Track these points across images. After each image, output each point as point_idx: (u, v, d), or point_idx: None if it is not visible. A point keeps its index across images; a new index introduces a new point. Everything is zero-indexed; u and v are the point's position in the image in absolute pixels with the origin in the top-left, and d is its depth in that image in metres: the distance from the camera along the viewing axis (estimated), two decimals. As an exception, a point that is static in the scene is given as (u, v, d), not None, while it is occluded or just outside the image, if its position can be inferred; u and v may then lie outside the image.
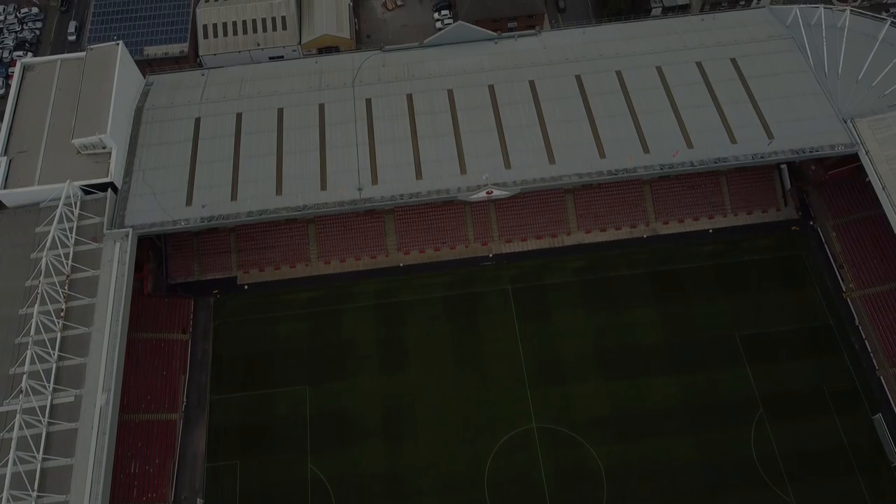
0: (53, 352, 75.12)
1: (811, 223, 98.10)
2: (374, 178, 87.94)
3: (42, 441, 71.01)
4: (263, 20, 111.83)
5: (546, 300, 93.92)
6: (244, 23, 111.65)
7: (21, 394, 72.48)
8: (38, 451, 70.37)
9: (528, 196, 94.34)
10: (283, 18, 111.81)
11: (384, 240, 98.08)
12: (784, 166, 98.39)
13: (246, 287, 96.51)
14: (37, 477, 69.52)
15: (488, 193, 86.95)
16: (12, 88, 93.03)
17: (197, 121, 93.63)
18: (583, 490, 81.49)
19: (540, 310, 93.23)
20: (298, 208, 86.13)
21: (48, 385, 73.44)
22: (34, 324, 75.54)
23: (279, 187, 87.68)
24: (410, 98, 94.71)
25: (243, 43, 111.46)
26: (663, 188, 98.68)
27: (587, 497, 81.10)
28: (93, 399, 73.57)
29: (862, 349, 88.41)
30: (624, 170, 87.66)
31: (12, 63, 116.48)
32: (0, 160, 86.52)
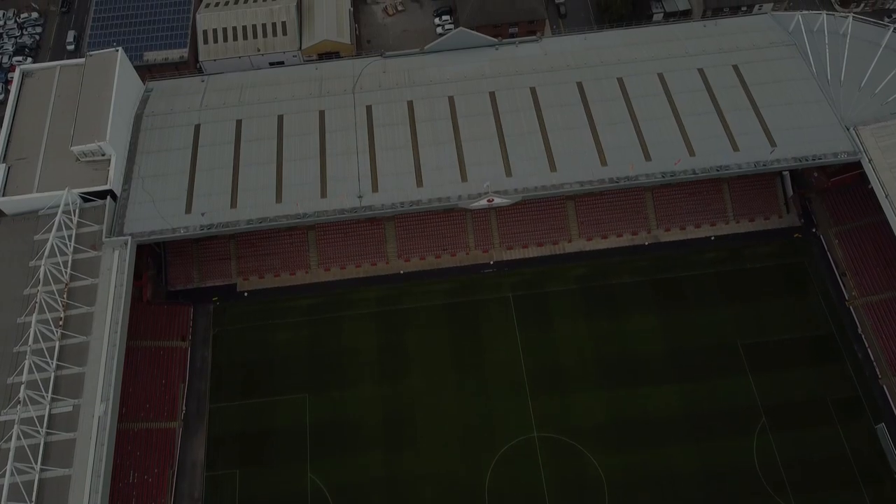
0: (52, 361, 74.80)
1: (813, 230, 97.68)
2: (375, 186, 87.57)
3: (40, 452, 70.71)
4: (264, 25, 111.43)
5: (547, 308, 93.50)
6: (244, 28, 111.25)
7: (19, 404, 72.11)
8: (37, 462, 70.04)
9: (529, 203, 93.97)
10: (284, 24, 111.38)
11: (384, 246, 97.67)
12: (786, 173, 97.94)
13: (246, 294, 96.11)
14: (35, 488, 69.17)
15: (489, 201, 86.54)
16: (11, 95, 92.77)
17: (196, 127, 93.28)
18: (584, 499, 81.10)
19: (541, 317, 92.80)
20: (298, 216, 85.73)
21: (46, 395, 73.13)
22: (32, 333, 75.26)
23: (279, 195, 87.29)
24: (411, 105, 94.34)
25: (243, 48, 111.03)
26: (665, 195, 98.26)
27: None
28: (91, 409, 73.24)
29: (865, 358, 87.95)
30: (625, 178, 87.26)
31: (12, 68, 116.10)
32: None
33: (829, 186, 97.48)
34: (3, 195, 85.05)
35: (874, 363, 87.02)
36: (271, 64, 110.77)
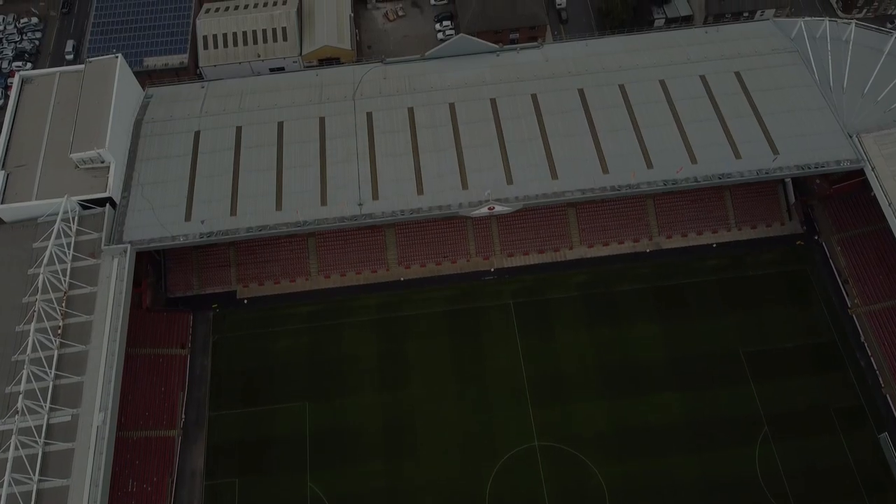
0: (50, 370, 74.36)
1: (816, 237, 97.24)
2: (375, 193, 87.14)
3: (38, 462, 70.19)
4: (264, 31, 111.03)
5: (548, 315, 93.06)
6: (244, 34, 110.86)
7: (17, 413, 71.66)
8: (34, 473, 69.49)
9: (531, 210, 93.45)
10: (284, 29, 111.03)
11: (385, 253, 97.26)
12: (788, 180, 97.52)
13: (245, 301, 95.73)
14: (32, 499, 68.63)
15: (490, 209, 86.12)
16: (10, 101, 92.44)
17: (196, 134, 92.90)
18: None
19: (542, 325, 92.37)
20: (298, 224, 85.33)
21: (45, 404, 72.65)
22: (31, 342, 74.81)
23: (279, 202, 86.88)
24: (412, 111, 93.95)
25: (244, 54, 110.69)
26: (667, 202, 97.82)
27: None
28: (90, 418, 72.75)
29: (868, 366, 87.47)
30: (627, 185, 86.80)
31: (11, 74, 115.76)
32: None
33: (832, 193, 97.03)
34: (2, 202, 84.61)
35: (877, 372, 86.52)
36: (272, 70, 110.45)
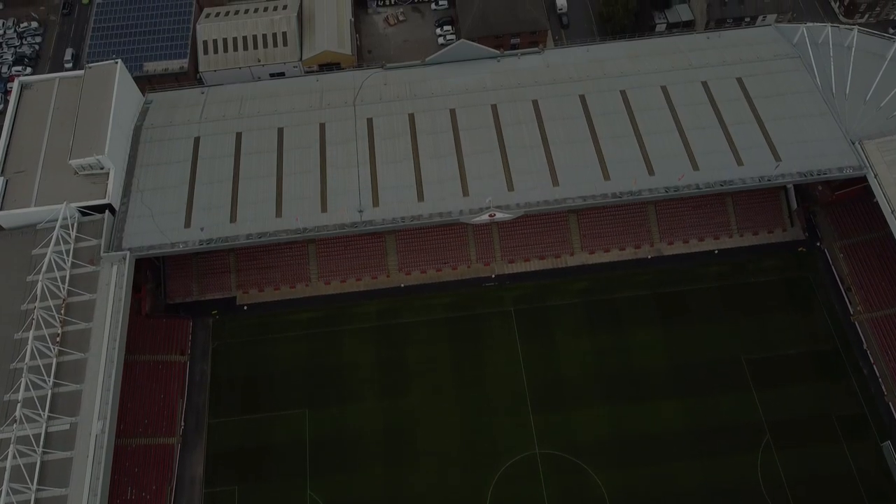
0: (49, 378, 74.02)
1: (818, 244, 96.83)
2: (375, 200, 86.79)
3: (36, 471, 69.91)
4: (264, 36, 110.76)
5: (549, 322, 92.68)
6: (244, 39, 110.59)
7: (15, 422, 71.32)
8: (32, 482, 69.21)
9: (532, 216, 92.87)
10: (284, 34, 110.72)
11: (385, 260, 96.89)
12: (790, 186, 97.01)
13: (245, 307, 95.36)
14: (30, 508, 68.48)
15: (491, 216, 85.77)
16: (10, 107, 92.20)
17: (196, 140, 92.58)
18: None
19: (543, 332, 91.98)
20: (298, 231, 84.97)
21: (43, 413, 72.31)
22: (29, 350, 74.47)
23: (279, 209, 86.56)
24: (412, 117, 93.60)
25: (244, 59, 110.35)
26: (668, 208, 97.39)
27: (591, 525, 79.96)
28: (89, 427, 72.44)
29: (870, 374, 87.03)
30: (629, 192, 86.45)
31: (11, 78, 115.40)
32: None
33: (834, 200, 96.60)
34: (1, 209, 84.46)
35: (880, 380, 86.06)
36: (272, 75, 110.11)
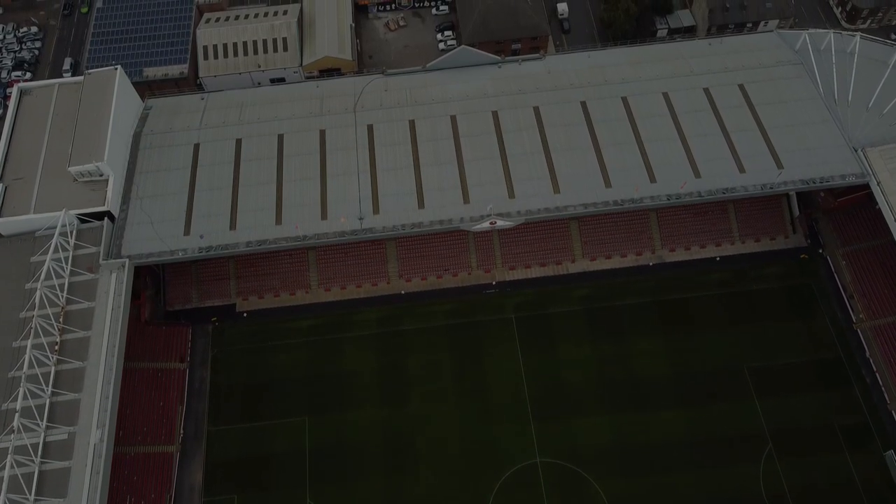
0: (47, 387, 73.59)
1: (820, 251, 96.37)
2: (376, 207, 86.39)
3: (34, 481, 69.43)
4: (264, 41, 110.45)
5: (550, 329, 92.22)
6: (245, 44, 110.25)
7: (13, 432, 70.88)
8: (31, 492, 68.70)
9: (533, 223, 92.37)
10: (284, 39, 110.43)
11: (386, 266, 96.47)
12: (793, 193, 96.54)
13: (245, 314, 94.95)
14: (28, 519, 68.03)
15: (491, 224, 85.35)
16: (9, 113, 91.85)
17: (196, 146, 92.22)
18: (588, 528, 79.87)
19: (544, 339, 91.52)
20: (298, 238, 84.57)
21: (41, 422, 71.87)
22: (28, 358, 74.06)
23: (279, 216, 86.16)
24: (413, 124, 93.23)
25: (244, 64, 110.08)
26: (670, 215, 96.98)
27: (592, 535, 79.45)
28: (87, 436, 72.00)
29: (873, 383, 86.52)
30: (630, 200, 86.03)
31: (10, 83, 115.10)
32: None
33: (836, 206, 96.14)
34: (0, 216, 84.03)
35: (882, 388, 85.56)
36: (272, 80, 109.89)
